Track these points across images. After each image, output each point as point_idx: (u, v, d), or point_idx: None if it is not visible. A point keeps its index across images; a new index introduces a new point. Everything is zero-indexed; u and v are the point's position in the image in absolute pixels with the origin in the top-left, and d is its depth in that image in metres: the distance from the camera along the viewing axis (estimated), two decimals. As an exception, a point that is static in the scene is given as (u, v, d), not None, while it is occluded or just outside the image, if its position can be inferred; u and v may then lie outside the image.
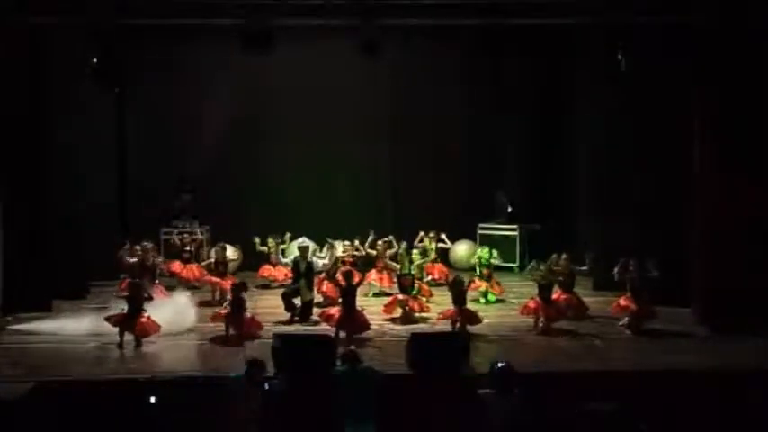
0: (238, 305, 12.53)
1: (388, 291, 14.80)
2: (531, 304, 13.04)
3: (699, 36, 13.16)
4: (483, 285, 14.62)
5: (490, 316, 13.55)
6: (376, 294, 15.03)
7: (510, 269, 16.78)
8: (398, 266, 14.42)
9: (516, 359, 9.47)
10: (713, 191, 13.24)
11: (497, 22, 13.58)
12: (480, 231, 17.23)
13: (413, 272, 14.20)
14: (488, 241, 16.52)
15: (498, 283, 14.92)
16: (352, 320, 12.44)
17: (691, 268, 13.61)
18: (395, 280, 14.52)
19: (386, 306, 13.59)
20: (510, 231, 17.12)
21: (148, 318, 12.27)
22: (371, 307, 13.62)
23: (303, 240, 14.39)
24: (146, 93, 17.23)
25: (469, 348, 11.13)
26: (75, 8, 13.56)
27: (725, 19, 12.84)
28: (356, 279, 12.93)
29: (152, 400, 9.83)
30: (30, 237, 13.85)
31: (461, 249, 16.70)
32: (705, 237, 13.32)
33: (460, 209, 17.26)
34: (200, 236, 15.68)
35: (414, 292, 13.77)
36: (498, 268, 15.58)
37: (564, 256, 13.57)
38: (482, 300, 14.51)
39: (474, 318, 12.70)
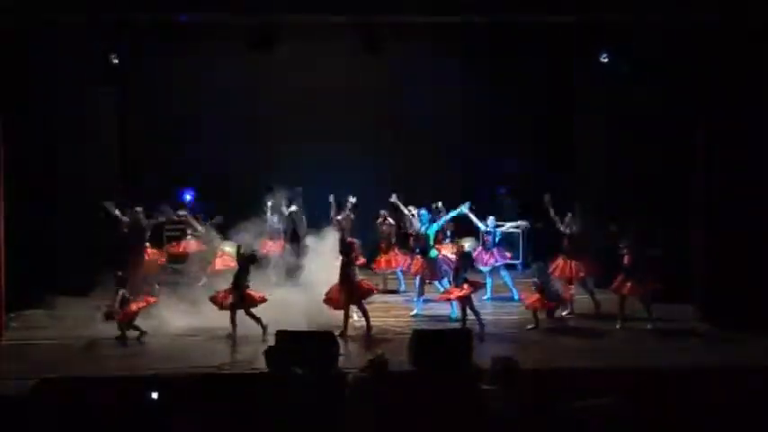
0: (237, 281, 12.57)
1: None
2: (531, 299, 13.15)
3: (699, 36, 13.20)
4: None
5: (492, 313, 13.57)
6: (386, 291, 15.15)
7: (513, 266, 16.80)
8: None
9: (518, 356, 9.48)
10: (713, 191, 13.29)
11: (498, 21, 13.61)
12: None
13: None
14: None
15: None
16: (354, 291, 12.58)
17: (692, 266, 13.65)
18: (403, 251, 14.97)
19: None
20: (512, 229, 17.11)
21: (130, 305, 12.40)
22: (377, 305, 13.67)
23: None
24: (146, 93, 17.24)
25: (471, 345, 11.15)
26: (76, 8, 13.58)
27: (725, 19, 12.88)
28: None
29: (154, 396, 9.82)
30: (33, 234, 13.89)
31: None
32: (706, 235, 13.36)
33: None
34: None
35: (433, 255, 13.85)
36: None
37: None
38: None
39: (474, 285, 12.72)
